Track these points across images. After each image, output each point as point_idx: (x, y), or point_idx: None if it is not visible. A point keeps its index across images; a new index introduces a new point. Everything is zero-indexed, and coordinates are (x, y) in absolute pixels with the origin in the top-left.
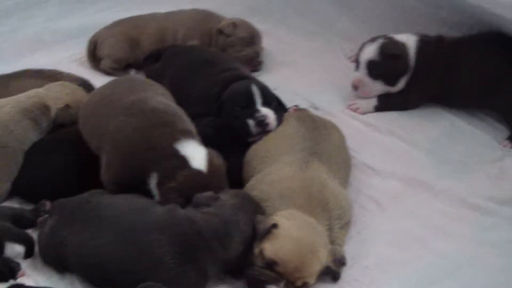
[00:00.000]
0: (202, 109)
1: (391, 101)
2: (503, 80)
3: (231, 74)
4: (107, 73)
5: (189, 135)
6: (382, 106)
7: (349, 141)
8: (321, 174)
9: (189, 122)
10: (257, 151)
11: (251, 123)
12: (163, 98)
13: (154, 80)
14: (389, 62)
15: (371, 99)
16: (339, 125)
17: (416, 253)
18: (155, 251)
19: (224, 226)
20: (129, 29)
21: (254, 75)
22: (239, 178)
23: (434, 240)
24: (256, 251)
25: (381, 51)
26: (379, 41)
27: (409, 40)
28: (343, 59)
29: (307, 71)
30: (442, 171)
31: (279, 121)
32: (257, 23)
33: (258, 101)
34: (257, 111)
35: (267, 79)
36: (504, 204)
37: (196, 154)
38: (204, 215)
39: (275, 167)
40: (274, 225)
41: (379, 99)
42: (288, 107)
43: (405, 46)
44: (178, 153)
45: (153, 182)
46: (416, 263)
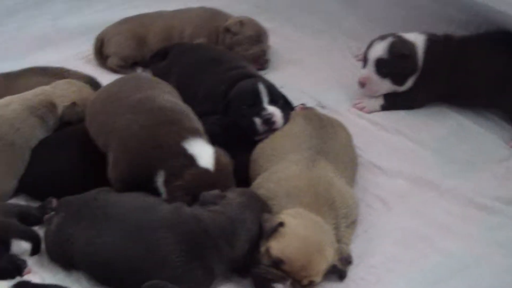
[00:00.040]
0: (208, 107)
1: (397, 100)
2: (510, 79)
3: (238, 72)
4: (113, 71)
5: (196, 133)
6: (388, 105)
7: (356, 139)
8: (327, 172)
9: (196, 121)
10: (263, 150)
11: (257, 121)
12: (170, 96)
13: (160, 78)
14: (398, 61)
15: (377, 98)
16: (345, 123)
17: (422, 252)
18: (161, 249)
19: (231, 225)
20: (136, 27)
21: (261, 74)
22: (246, 176)
23: (440, 240)
24: (263, 249)
25: (390, 49)
26: (388, 39)
27: (417, 39)
28: (350, 58)
29: (313, 69)
30: (449, 170)
31: (286, 119)
32: (264, 21)
33: (265, 99)
34: (264, 109)
35: (273, 77)
36: (511, 204)
37: (204, 153)
38: (210, 213)
39: (281, 165)
40: (281, 224)
41: (385, 98)
42: (294, 105)
43: (414, 46)
44: (185, 151)
45: (160, 180)
46: (422, 262)
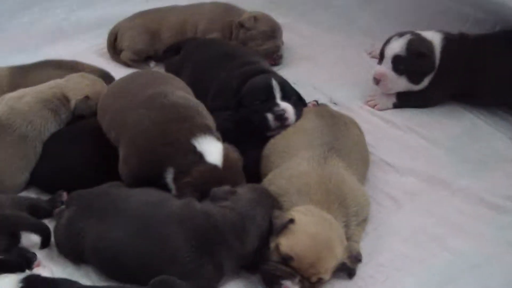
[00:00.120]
0: (221, 102)
1: (411, 98)
2: None
3: (251, 68)
4: (127, 65)
5: (207, 130)
6: (401, 104)
7: (368, 137)
8: (339, 170)
9: (208, 117)
10: (275, 146)
11: (270, 117)
12: (183, 92)
13: (173, 73)
14: (415, 59)
15: (390, 96)
16: (358, 120)
17: (432, 251)
18: (171, 245)
19: (241, 220)
20: (149, 21)
21: (274, 69)
22: (257, 172)
23: (451, 239)
24: (272, 246)
25: (408, 47)
26: (406, 36)
27: (434, 38)
28: (363, 54)
29: (327, 65)
30: (461, 169)
31: (298, 115)
32: (277, 17)
33: (278, 95)
34: (277, 105)
35: (286, 73)
36: None
37: (212, 149)
38: (221, 209)
39: (293, 162)
40: (291, 220)
41: (398, 96)
42: (307, 102)
43: (431, 44)
44: (195, 148)
45: (169, 176)
46: (432, 261)
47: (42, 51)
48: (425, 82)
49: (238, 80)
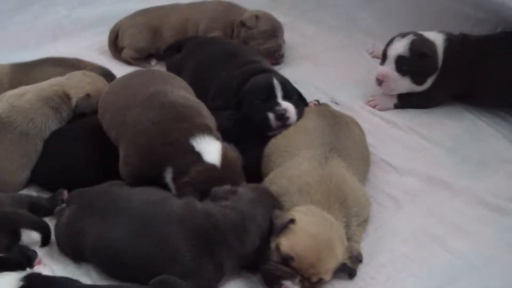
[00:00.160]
0: (222, 101)
1: (412, 99)
2: None
3: (252, 67)
4: (128, 63)
5: (206, 130)
6: (402, 105)
7: (369, 137)
8: (340, 170)
9: (208, 116)
10: (276, 145)
11: (271, 116)
12: (183, 91)
13: (175, 71)
14: (418, 59)
15: (391, 97)
16: (359, 120)
17: (432, 252)
18: (171, 244)
19: (242, 220)
20: (151, 19)
21: (275, 69)
22: (258, 171)
23: (451, 239)
24: (273, 246)
25: (411, 47)
26: (409, 37)
27: (437, 39)
28: (364, 54)
29: (328, 65)
30: (462, 170)
31: (300, 115)
32: (279, 16)
33: (279, 94)
34: (278, 104)
35: (287, 72)
36: None
37: (210, 149)
38: (221, 209)
39: (294, 161)
40: (292, 220)
41: (399, 97)
42: (308, 101)
43: (434, 45)
44: (193, 148)
45: (168, 176)
46: (432, 262)
47: (43, 48)
48: (428, 83)
49: (239, 79)
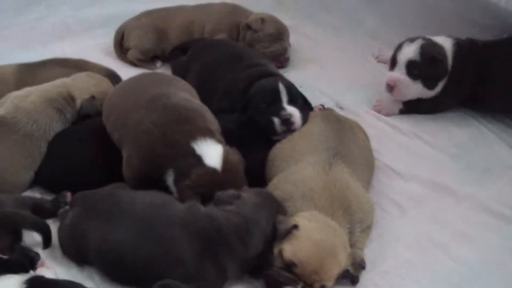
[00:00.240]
0: (227, 104)
1: (418, 105)
2: None
3: (257, 70)
4: (133, 64)
5: (207, 133)
6: (408, 110)
7: (373, 142)
8: (344, 175)
9: (210, 120)
10: (281, 150)
11: (276, 121)
12: (187, 94)
13: (180, 73)
14: (429, 64)
15: (397, 102)
16: (363, 125)
17: (436, 259)
18: (174, 247)
19: (245, 224)
20: (156, 21)
21: (280, 72)
22: (262, 175)
23: (455, 246)
24: (276, 251)
25: (422, 51)
26: (418, 41)
27: (445, 43)
28: (370, 58)
29: (333, 69)
30: (467, 176)
31: (305, 120)
32: (284, 18)
33: (284, 99)
34: (283, 109)
35: (292, 76)
36: None
37: (211, 152)
38: (224, 213)
39: (298, 166)
40: (295, 226)
41: (405, 103)
42: (313, 106)
43: (443, 49)
44: (194, 151)
45: (170, 179)
46: (436, 268)
47: (48, 48)
48: (439, 87)
49: (244, 82)
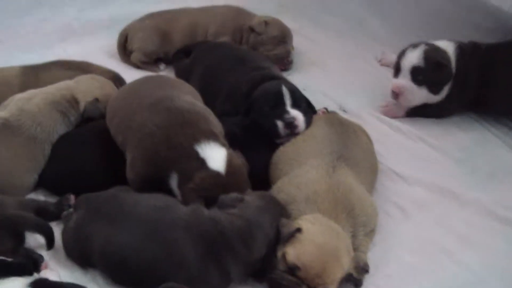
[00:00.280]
0: (230, 106)
1: (426, 109)
2: None
3: (261, 73)
4: (137, 66)
5: (211, 136)
6: (414, 113)
7: (377, 145)
8: (347, 179)
9: (214, 123)
10: (285, 153)
11: (280, 124)
12: (190, 97)
13: (183, 75)
14: (434, 69)
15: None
16: (367, 128)
17: (440, 263)
18: (178, 250)
19: (248, 228)
20: (160, 23)
21: (284, 75)
22: (265, 178)
23: (459, 251)
24: (279, 254)
25: (426, 57)
26: (421, 47)
27: (448, 47)
28: (373, 62)
29: (336, 72)
30: (470, 180)
31: (308, 123)
32: (287, 21)
33: (288, 102)
34: (287, 112)
35: (296, 79)
36: None
37: (215, 156)
38: (228, 216)
39: (302, 169)
40: (298, 229)
41: (412, 108)
42: (317, 109)
43: (446, 54)
44: (197, 155)
45: (174, 182)
46: (439, 273)
47: (52, 50)
48: (444, 92)
49: (248, 85)
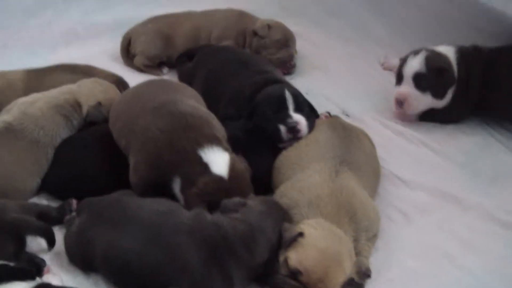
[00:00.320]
0: (233, 110)
1: (436, 113)
2: None
3: (264, 77)
4: (140, 70)
5: (214, 140)
6: (426, 117)
7: (379, 150)
8: (350, 183)
9: (218, 127)
10: (287, 158)
11: (282, 129)
12: (193, 101)
13: (186, 79)
14: (436, 74)
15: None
16: (369, 133)
17: (442, 268)
18: (181, 255)
19: (251, 232)
20: (163, 27)
21: (286, 78)
22: (268, 182)
23: (461, 256)
24: (281, 259)
25: (427, 63)
26: (422, 53)
27: (448, 52)
28: (376, 66)
29: (339, 76)
30: (473, 185)
31: (311, 128)
32: (290, 25)
33: (291, 106)
34: (289, 116)
35: (298, 82)
36: None
37: (218, 160)
38: (231, 221)
39: (305, 174)
40: (300, 234)
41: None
42: (319, 113)
43: (447, 58)
44: (201, 159)
45: (177, 186)
46: (442, 277)
47: (55, 54)
48: (449, 96)
49: (251, 89)
